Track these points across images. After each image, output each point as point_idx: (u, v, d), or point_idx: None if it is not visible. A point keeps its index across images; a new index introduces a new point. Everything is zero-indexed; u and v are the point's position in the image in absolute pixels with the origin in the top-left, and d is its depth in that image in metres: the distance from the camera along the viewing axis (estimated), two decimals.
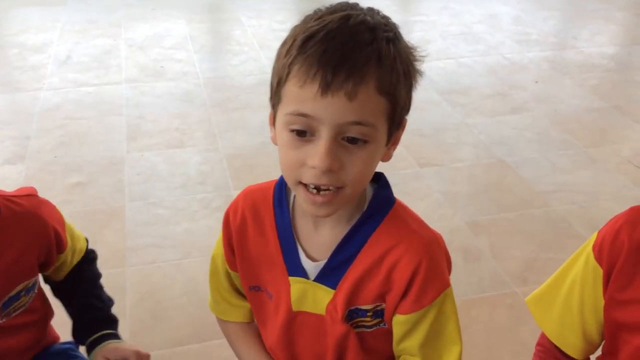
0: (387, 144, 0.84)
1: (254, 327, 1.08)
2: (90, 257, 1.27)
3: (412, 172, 2.48)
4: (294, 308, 0.93)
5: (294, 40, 0.78)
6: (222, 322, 1.11)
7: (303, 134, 0.78)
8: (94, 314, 1.23)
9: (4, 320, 1.07)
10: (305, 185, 0.81)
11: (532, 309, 1.05)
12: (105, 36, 3.85)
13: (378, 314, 0.91)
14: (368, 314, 0.91)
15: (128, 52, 3.64)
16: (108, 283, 1.93)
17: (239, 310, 1.07)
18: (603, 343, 0.98)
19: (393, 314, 0.91)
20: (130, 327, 1.79)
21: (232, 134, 2.79)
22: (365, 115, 0.77)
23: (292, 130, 0.78)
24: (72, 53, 3.61)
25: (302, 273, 0.91)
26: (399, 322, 0.91)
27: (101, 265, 1.99)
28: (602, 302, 0.92)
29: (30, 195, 1.09)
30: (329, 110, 0.75)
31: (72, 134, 2.78)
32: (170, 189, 2.41)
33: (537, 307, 1.04)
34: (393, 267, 0.87)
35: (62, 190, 2.39)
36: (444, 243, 0.93)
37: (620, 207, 1.19)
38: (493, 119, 2.96)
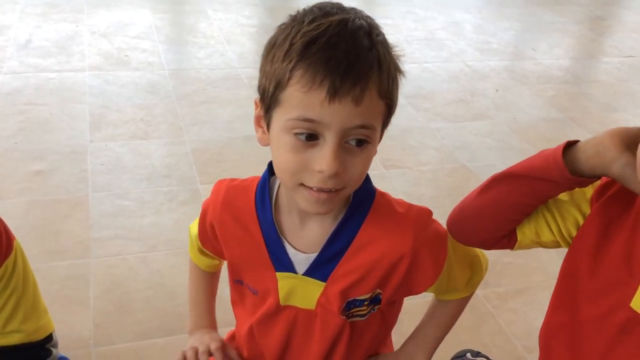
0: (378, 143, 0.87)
1: (214, 278, 1.15)
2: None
3: (378, 174, 2.52)
4: (282, 303, 0.95)
5: (292, 45, 0.77)
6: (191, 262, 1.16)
7: (309, 138, 0.79)
8: None
9: None
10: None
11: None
12: (67, 21, 3.75)
13: (375, 300, 0.94)
14: (365, 302, 0.94)
15: (91, 39, 3.56)
16: (72, 273, 1.92)
17: (205, 261, 1.12)
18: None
19: (396, 295, 0.96)
20: (94, 319, 1.77)
21: (199, 128, 2.77)
22: (369, 118, 0.79)
23: (297, 134, 0.79)
24: (33, 37, 3.51)
25: (290, 268, 0.93)
26: (431, 290, 0.98)
27: (65, 255, 1.98)
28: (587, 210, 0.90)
29: None
30: (335, 115, 0.76)
31: (33, 120, 2.70)
32: (136, 181, 2.38)
33: None
34: (390, 254, 0.90)
35: (23, 177, 2.33)
36: (427, 210, 0.96)
37: None
38: (455, 125, 3.03)
